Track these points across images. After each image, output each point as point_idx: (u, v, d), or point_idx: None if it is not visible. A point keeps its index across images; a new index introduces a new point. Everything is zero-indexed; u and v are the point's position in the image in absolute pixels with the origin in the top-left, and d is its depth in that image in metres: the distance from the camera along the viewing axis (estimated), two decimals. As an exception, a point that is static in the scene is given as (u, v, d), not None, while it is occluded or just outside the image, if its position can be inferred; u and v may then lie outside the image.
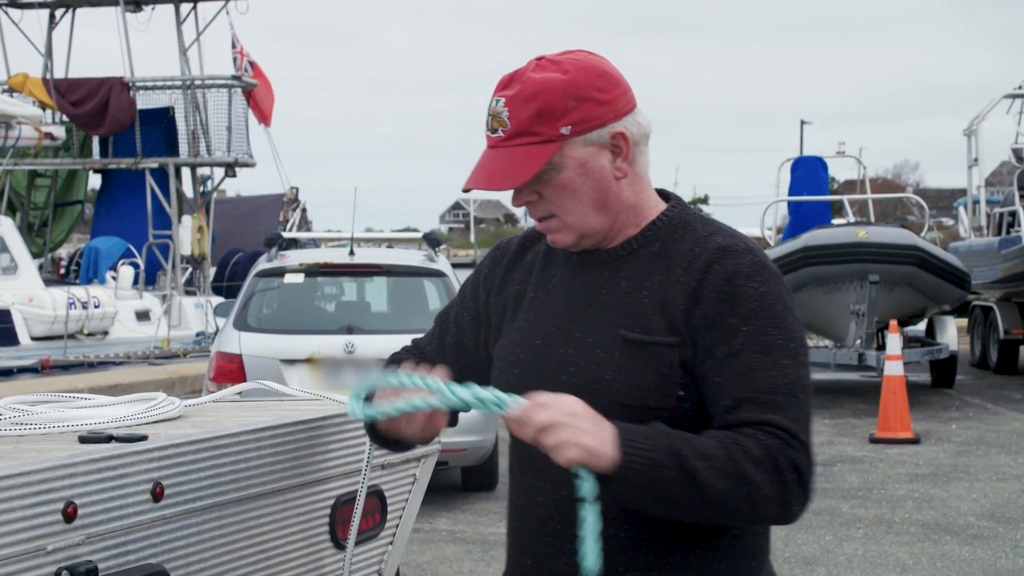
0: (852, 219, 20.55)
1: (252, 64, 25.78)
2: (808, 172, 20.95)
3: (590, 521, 2.15)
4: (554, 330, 2.40)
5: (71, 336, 18.30)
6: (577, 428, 2.14)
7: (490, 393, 2.21)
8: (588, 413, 2.16)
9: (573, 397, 2.18)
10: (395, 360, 2.64)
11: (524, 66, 2.36)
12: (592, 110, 2.32)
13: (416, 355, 2.61)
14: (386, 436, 2.49)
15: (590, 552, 2.15)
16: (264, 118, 25.95)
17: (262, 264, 10.26)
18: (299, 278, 10.08)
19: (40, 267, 22.69)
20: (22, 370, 16.10)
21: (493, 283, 2.56)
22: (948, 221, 45.34)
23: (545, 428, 2.15)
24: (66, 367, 16.59)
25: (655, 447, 2.16)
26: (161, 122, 25.81)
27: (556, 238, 2.39)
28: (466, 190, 2.42)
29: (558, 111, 2.31)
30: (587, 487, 2.14)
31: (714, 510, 2.19)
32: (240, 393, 3.74)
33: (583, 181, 2.34)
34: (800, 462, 2.21)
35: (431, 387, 2.24)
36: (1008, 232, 20.71)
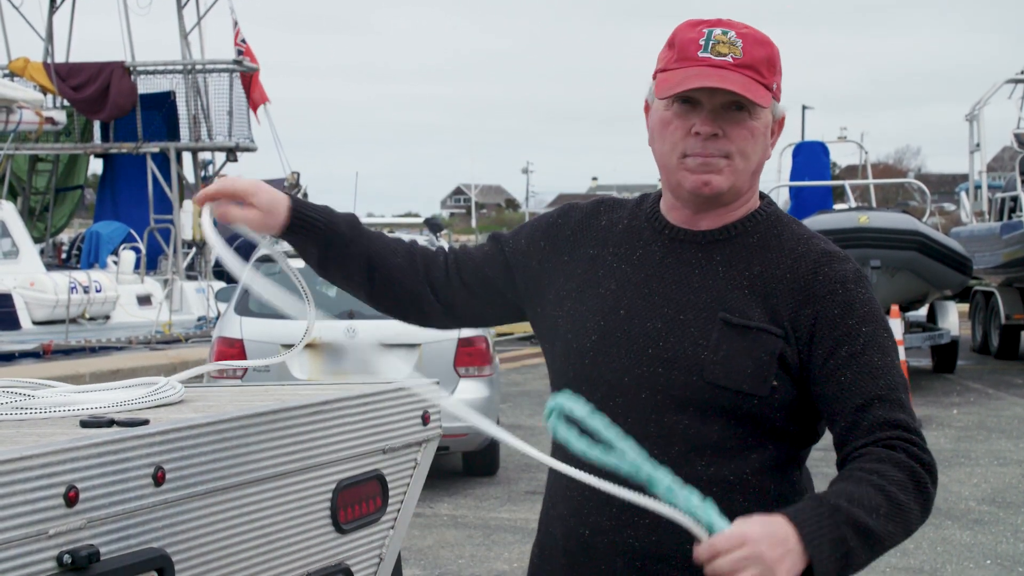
0: (853, 204, 20.58)
1: (244, 44, 25.64)
2: (810, 157, 20.97)
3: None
4: (642, 302, 2.38)
5: (73, 320, 18.32)
6: (767, 567, 2.08)
7: (708, 517, 2.12)
8: (770, 542, 2.11)
9: (752, 522, 2.12)
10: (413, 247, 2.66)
11: (716, 19, 2.40)
12: (781, 85, 2.41)
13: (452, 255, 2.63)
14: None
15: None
16: (253, 105, 25.80)
17: (263, 249, 10.25)
18: (300, 263, 10.07)
19: (42, 252, 22.72)
20: (24, 354, 16.12)
21: (558, 238, 2.54)
22: (950, 206, 45.31)
23: (732, 570, 2.09)
24: (68, 352, 16.62)
25: (834, 526, 2.17)
26: (162, 107, 25.81)
27: (715, 180, 2.34)
28: (698, 89, 2.32)
29: (776, 67, 2.38)
30: None
31: (885, 550, 2.25)
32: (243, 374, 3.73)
33: (763, 140, 2.39)
34: (930, 463, 2.29)
35: (619, 446, 2.13)
36: (1010, 217, 20.71)
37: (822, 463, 4.34)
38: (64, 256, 25.69)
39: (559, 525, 2.45)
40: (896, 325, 13.73)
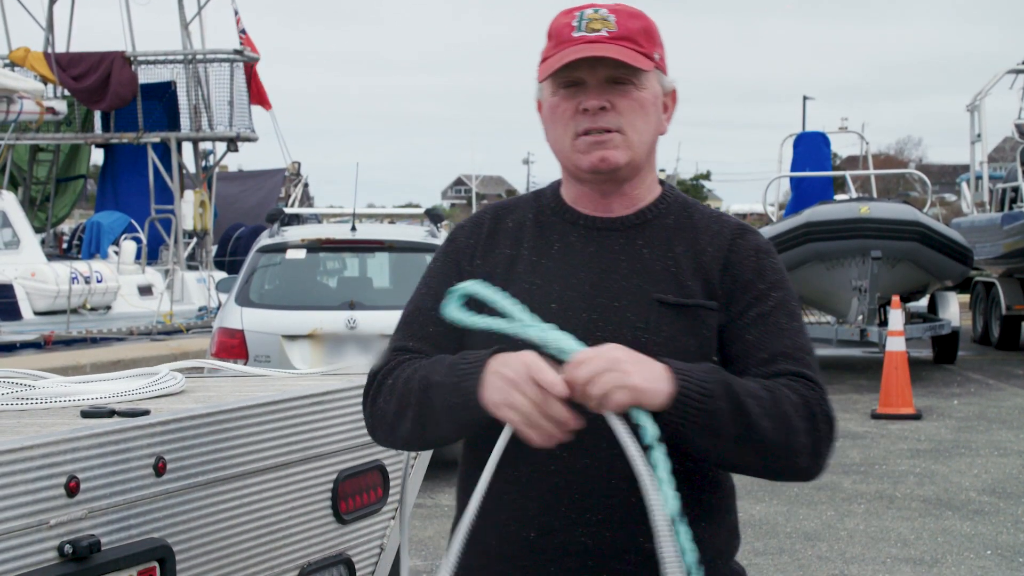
0: (854, 195, 20.53)
1: (243, 34, 25.62)
2: (810, 148, 20.93)
3: (662, 465, 2.13)
4: (573, 294, 2.36)
5: (74, 311, 18.32)
6: (621, 371, 2.12)
7: (559, 340, 2.17)
8: (632, 356, 2.15)
9: (614, 344, 2.16)
10: (392, 365, 2.44)
11: (588, 2, 2.40)
12: (664, 57, 2.41)
13: (409, 355, 2.44)
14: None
15: (669, 495, 2.11)
16: (263, 100, 25.82)
17: (264, 240, 10.25)
18: (301, 254, 10.07)
19: (43, 242, 22.70)
20: (25, 345, 16.12)
21: (476, 250, 2.46)
22: (951, 197, 45.28)
23: (589, 380, 2.11)
24: (69, 342, 16.62)
25: (708, 379, 2.18)
26: (163, 97, 25.77)
27: (611, 154, 2.34)
28: (578, 64, 2.32)
29: (655, 39, 2.39)
30: (649, 431, 2.12)
31: (755, 450, 2.21)
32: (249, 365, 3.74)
33: (653, 111, 2.39)
34: (832, 415, 2.31)
35: (514, 314, 2.21)
36: (1011, 208, 20.69)
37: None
38: (65, 246, 25.68)
39: (492, 532, 2.35)
40: (897, 316, 13.73)
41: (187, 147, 26.13)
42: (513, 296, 2.34)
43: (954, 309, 17.80)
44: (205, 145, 26.77)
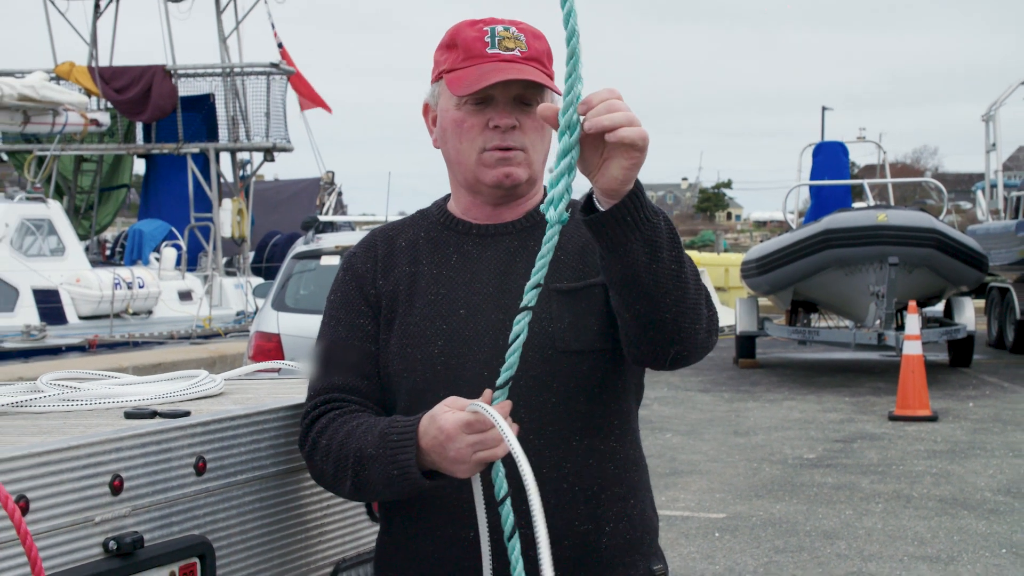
0: (872, 203, 20.49)
1: (281, 47, 25.74)
2: (829, 157, 20.87)
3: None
4: (478, 299, 2.37)
5: (117, 315, 18.42)
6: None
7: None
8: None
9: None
10: (322, 416, 2.47)
11: (490, 18, 2.40)
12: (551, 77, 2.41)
13: (334, 396, 2.46)
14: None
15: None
16: (318, 102, 25.91)
17: (299, 247, 10.28)
18: (335, 260, 10.09)
19: (87, 249, 22.82)
20: (70, 348, 16.22)
21: (376, 272, 2.47)
22: (966, 204, 45.06)
23: (610, 106, 2.05)
24: (112, 345, 16.71)
25: (658, 209, 2.17)
26: (202, 108, 25.90)
27: (515, 171, 2.36)
28: (496, 83, 2.32)
29: (552, 59, 2.40)
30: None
31: (677, 291, 2.16)
32: (278, 371, 3.75)
33: (548, 130, 2.40)
34: (715, 317, 2.28)
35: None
36: (1025, 215, 20.59)
37: (841, 455, 4.34)
38: (108, 253, 25.81)
39: (428, 538, 2.37)
40: (914, 320, 13.67)
41: (225, 157, 26.24)
42: (421, 308, 2.38)
43: (969, 314, 17.70)
44: (242, 155, 26.88)
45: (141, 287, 19.56)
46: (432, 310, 2.38)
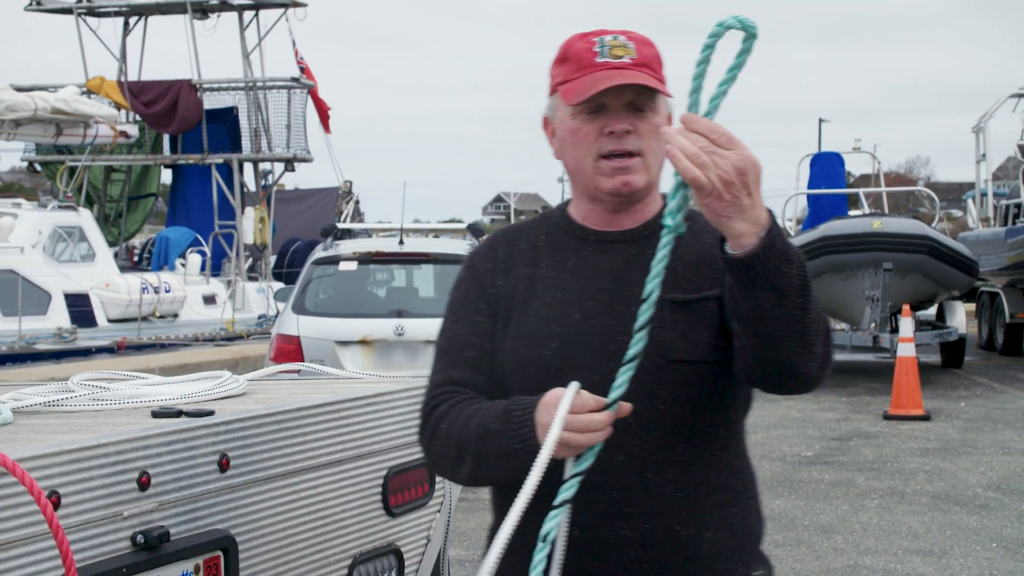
0: (867, 211, 20.43)
1: (304, 68, 25.83)
2: (826, 167, 20.84)
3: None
4: (592, 304, 2.33)
5: (144, 318, 18.45)
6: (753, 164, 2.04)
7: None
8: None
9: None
10: (443, 404, 2.41)
11: (600, 29, 2.37)
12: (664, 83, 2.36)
13: (452, 389, 2.42)
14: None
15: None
16: (326, 124, 26.02)
17: (319, 253, 10.28)
18: (353, 266, 10.09)
19: (116, 255, 22.86)
20: (99, 350, 16.25)
21: (496, 271, 2.44)
22: (957, 212, 44.95)
23: (728, 180, 2.02)
24: (139, 347, 16.73)
25: (792, 245, 2.12)
26: (226, 121, 25.94)
27: (632, 178, 2.32)
28: (606, 90, 2.29)
29: (663, 64, 2.36)
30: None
31: (796, 332, 2.13)
32: (299, 371, 3.75)
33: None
34: (830, 353, 2.23)
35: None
36: (1014, 223, 20.55)
37: (838, 452, 4.32)
38: (136, 259, 25.86)
39: (536, 532, 2.28)
40: (907, 323, 13.64)
41: (248, 167, 26.28)
42: (537, 310, 2.35)
43: (961, 317, 17.66)
44: (264, 165, 26.92)
45: (167, 291, 19.58)
46: (547, 312, 2.34)
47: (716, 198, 2.03)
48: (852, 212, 19.86)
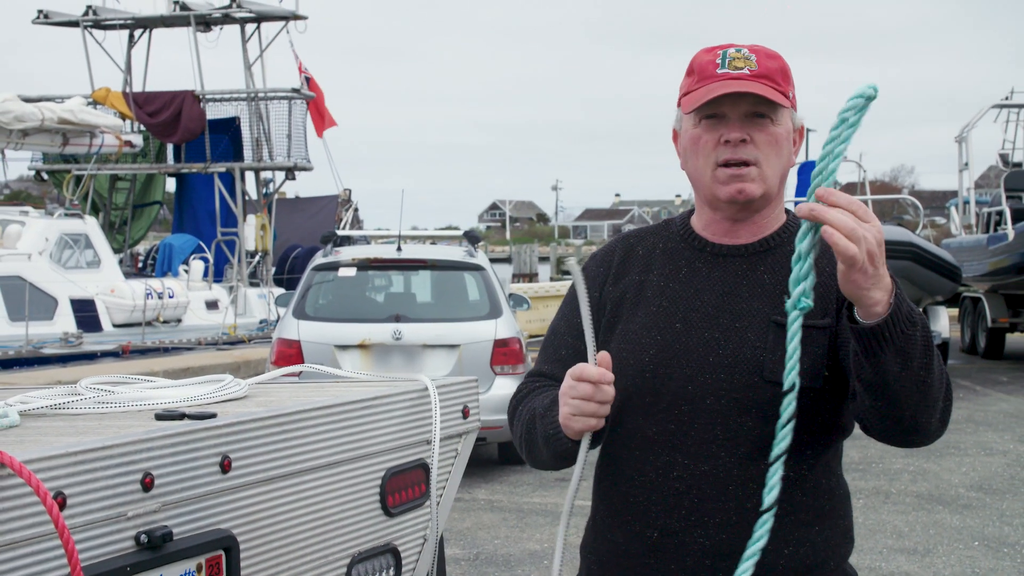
0: (853, 218, 20.43)
1: (308, 79, 25.87)
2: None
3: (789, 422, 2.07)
4: (697, 315, 2.31)
5: (148, 323, 18.42)
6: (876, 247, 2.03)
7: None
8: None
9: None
10: (524, 390, 2.49)
11: (728, 43, 2.36)
12: (795, 96, 2.35)
13: (539, 379, 2.48)
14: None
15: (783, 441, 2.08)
16: (319, 129, 26.04)
17: (318, 259, 10.28)
18: (352, 272, 10.10)
19: (120, 261, 22.83)
20: (104, 354, 16.22)
21: (607, 277, 2.44)
22: (941, 220, 45.00)
23: (873, 252, 2.02)
24: (143, 351, 16.70)
25: (915, 309, 2.11)
26: (228, 130, 25.93)
27: (748, 187, 2.29)
28: (722, 99, 2.28)
29: (789, 78, 2.33)
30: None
31: (919, 393, 2.12)
32: (299, 374, 3.75)
33: (785, 146, 2.33)
34: (951, 395, 2.22)
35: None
36: (995, 230, 20.58)
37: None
38: (140, 265, 25.82)
39: (620, 531, 2.34)
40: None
41: (250, 176, 26.26)
42: (643, 317, 2.34)
43: (944, 322, 17.69)
44: (266, 174, 26.89)
45: (171, 297, 19.56)
46: (651, 320, 2.33)
47: (862, 272, 2.01)
48: (838, 219, 19.88)
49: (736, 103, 2.28)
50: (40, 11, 26.78)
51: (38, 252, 17.86)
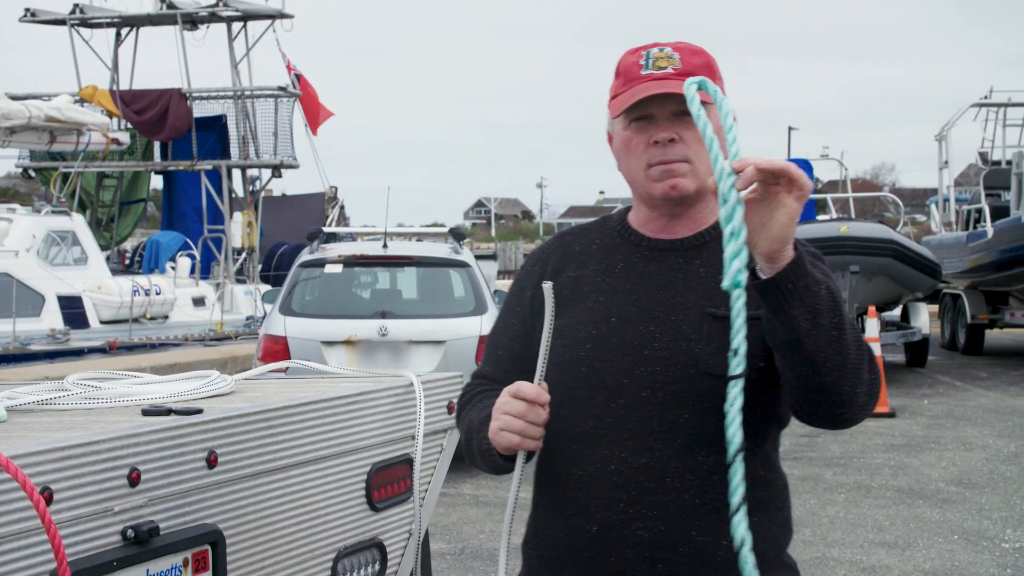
0: (835, 215, 20.50)
1: (299, 76, 25.84)
2: (795, 173, 20.89)
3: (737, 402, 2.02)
4: (632, 309, 2.31)
5: (135, 320, 18.37)
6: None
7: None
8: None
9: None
10: (467, 394, 2.50)
11: (652, 43, 2.35)
12: (723, 90, 2.33)
13: (481, 381, 2.49)
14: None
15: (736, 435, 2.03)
16: (313, 125, 26.01)
17: (305, 256, 10.27)
18: (338, 268, 10.09)
19: (108, 258, 22.75)
20: (92, 350, 16.17)
21: (543, 276, 2.42)
22: (921, 217, 45.13)
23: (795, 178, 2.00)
24: (131, 348, 16.66)
25: (816, 269, 2.11)
26: (215, 128, 25.87)
27: (680, 182, 2.29)
28: (648, 100, 2.27)
29: (716, 72, 2.33)
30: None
31: (837, 356, 2.11)
32: (286, 370, 3.75)
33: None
34: (877, 369, 2.21)
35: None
36: (975, 227, 20.65)
37: (806, 448, 4.32)
38: (127, 262, 25.75)
39: (560, 526, 2.34)
40: (873, 324, 13.70)
41: (236, 173, 26.20)
42: (578, 312, 2.34)
43: (924, 318, 17.74)
44: (252, 171, 26.84)
45: (158, 294, 19.51)
46: (587, 315, 2.33)
47: (795, 219, 2.02)
48: (820, 217, 19.95)
49: (663, 103, 2.28)
50: (27, 9, 26.67)
51: (25, 249, 17.80)
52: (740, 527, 2.02)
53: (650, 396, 2.25)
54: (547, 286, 2.21)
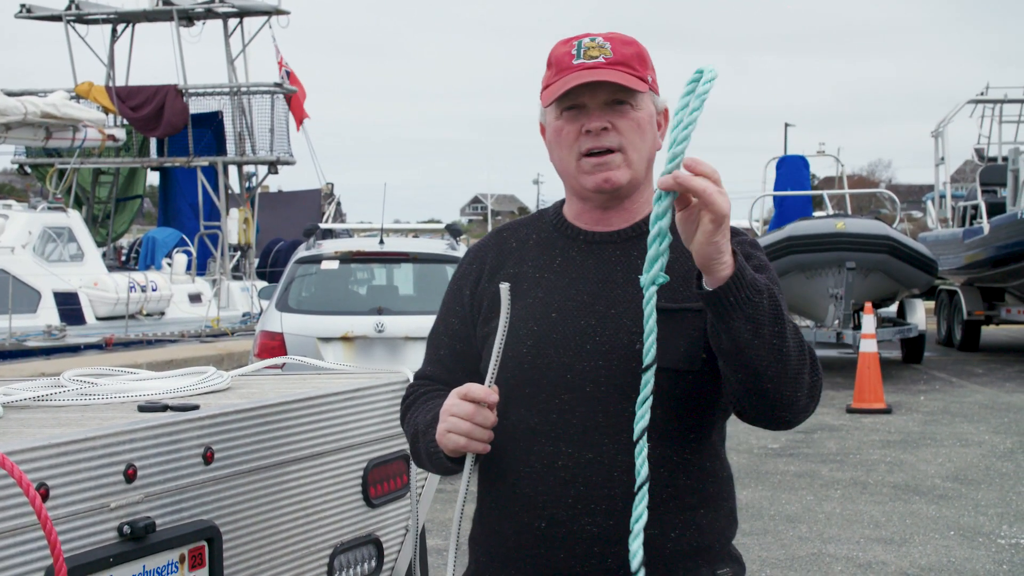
0: (831, 212, 20.51)
1: (289, 73, 25.83)
2: (791, 170, 20.92)
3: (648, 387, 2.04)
4: (572, 304, 2.30)
5: (131, 316, 18.36)
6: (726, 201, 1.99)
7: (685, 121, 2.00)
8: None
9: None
10: (411, 396, 2.49)
11: (584, 33, 2.35)
12: (656, 79, 2.34)
13: (424, 382, 2.48)
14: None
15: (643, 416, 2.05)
16: (297, 121, 26.03)
17: (301, 252, 10.26)
18: (334, 264, 10.08)
19: (104, 255, 22.75)
20: (88, 346, 16.16)
21: (481, 274, 2.43)
22: (917, 214, 45.13)
23: (710, 176, 1.99)
24: (127, 344, 16.64)
25: (759, 278, 2.10)
26: (211, 125, 25.86)
27: (613, 175, 2.29)
28: (579, 89, 2.27)
29: (647, 62, 2.33)
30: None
31: (778, 363, 2.12)
32: (282, 366, 3.74)
33: (649, 130, 2.32)
34: (819, 371, 2.21)
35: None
36: (971, 223, 20.67)
37: (803, 444, 4.33)
38: (124, 259, 25.75)
39: (508, 522, 2.32)
40: (869, 320, 13.71)
41: (232, 170, 26.21)
42: (518, 309, 2.32)
43: (921, 314, 17.75)
44: (248, 168, 26.85)
45: (154, 290, 19.50)
46: (527, 311, 2.32)
47: (723, 234, 2.01)
48: (817, 213, 19.95)
49: (595, 92, 2.28)
50: (23, 5, 26.64)
51: (21, 245, 17.78)
52: (641, 504, 2.04)
53: (594, 390, 2.25)
54: (504, 287, 2.21)
